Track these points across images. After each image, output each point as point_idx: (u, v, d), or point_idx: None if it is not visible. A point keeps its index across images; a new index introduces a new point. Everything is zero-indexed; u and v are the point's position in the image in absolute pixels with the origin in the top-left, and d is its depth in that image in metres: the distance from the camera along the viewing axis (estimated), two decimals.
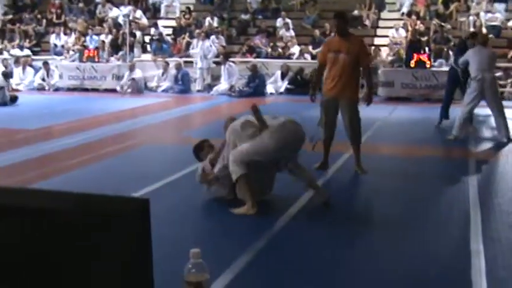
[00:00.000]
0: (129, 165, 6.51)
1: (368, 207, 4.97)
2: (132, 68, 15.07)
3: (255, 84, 14.20)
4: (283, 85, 14.59)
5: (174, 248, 3.57)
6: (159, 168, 6.36)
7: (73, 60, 16.46)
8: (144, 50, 17.06)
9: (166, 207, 4.74)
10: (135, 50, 16.69)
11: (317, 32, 15.97)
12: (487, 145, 7.91)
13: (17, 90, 14.65)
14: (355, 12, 16.67)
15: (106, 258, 1.16)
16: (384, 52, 15.31)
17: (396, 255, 3.79)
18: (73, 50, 17.12)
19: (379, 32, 16.71)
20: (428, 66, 13.31)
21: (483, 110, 8.99)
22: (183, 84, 14.96)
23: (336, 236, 4.18)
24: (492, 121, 8.19)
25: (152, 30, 17.35)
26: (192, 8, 18.52)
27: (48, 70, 15.84)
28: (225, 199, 4.84)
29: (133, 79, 14.97)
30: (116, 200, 1.22)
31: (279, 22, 16.91)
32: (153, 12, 18.93)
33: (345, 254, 3.87)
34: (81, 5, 19.28)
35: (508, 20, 16.01)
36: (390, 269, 3.54)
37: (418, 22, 15.94)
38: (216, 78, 15.28)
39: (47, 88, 15.68)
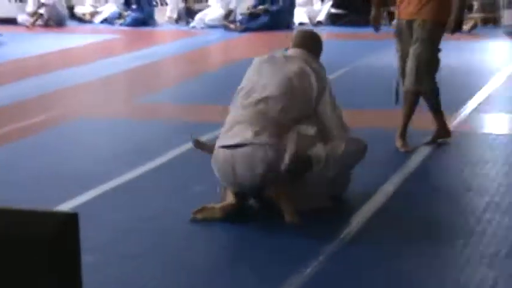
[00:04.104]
0: (53, 155, 6.60)
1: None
2: None
3: (276, 9, 14.09)
4: (324, 9, 14.65)
5: None
6: (102, 160, 6.38)
7: None
8: None
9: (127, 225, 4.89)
10: None
11: None
12: None
13: None
14: None
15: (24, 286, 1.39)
16: None
17: None
18: None
19: None
20: None
21: None
22: (139, 9, 14.96)
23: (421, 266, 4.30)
24: None
25: None
26: None
27: None
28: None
29: (43, 4, 14.98)
30: (33, 215, 1.45)
31: None
32: None
33: None
34: None
35: None
36: None
37: None
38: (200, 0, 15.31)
39: None
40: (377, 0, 6.89)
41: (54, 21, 14.98)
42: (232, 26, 14.07)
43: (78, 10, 15.68)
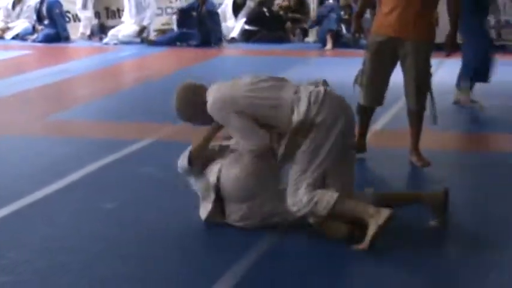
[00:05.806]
0: None
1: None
2: None
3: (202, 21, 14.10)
4: (238, 25, 14.66)
5: None
6: (14, 178, 6.29)
7: None
8: None
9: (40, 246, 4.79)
10: None
11: None
12: None
13: None
14: None
15: None
16: None
17: None
18: None
19: None
20: None
21: None
22: (51, 25, 14.78)
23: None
24: None
25: None
26: None
27: None
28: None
29: None
30: None
31: None
32: None
33: None
34: None
35: None
36: None
37: None
38: (114, 15, 15.26)
39: None
40: (357, 14, 7.02)
41: None
42: (147, 41, 14.18)
43: None
